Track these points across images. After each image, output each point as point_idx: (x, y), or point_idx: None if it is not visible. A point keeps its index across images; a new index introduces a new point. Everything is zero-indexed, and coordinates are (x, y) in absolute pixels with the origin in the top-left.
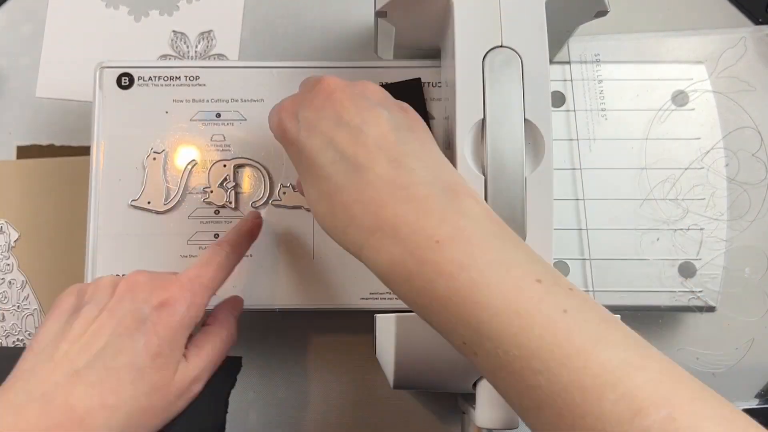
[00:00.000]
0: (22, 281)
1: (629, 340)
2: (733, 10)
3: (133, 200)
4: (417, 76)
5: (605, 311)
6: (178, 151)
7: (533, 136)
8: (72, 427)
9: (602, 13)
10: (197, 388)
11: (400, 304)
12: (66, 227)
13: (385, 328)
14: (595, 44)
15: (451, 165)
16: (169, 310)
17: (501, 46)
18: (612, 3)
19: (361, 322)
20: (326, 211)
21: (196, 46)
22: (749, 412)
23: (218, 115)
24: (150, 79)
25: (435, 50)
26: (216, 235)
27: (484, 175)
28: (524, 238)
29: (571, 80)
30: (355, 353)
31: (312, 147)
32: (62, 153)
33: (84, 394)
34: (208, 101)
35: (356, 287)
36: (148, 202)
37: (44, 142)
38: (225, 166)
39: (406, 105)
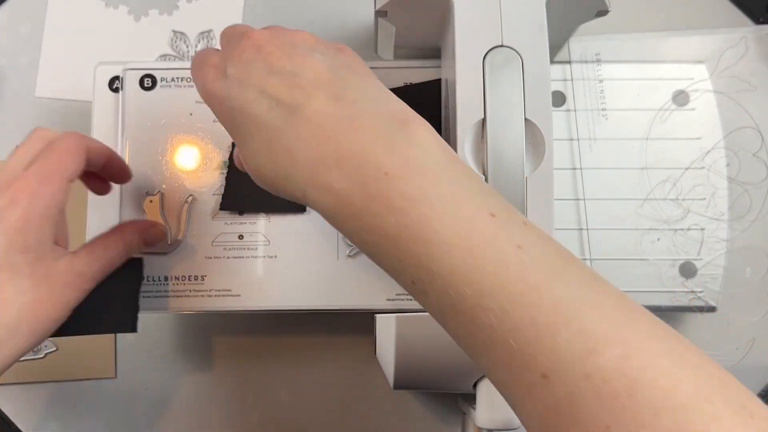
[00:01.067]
0: None
1: (585, 276)
2: (734, 10)
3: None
4: (437, 78)
5: (560, 246)
6: (201, 153)
7: (533, 135)
8: None
9: (603, 12)
10: (88, 284)
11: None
12: None
13: (385, 328)
14: (595, 44)
15: (395, 96)
16: (16, 206)
17: (501, 46)
18: (612, 3)
19: (361, 322)
20: (266, 162)
21: (196, 46)
22: None
23: None
24: (173, 80)
25: (435, 50)
26: (240, 236)
27: (484, 174)
28: None
29: (572, 80)
30: (355, 353)
31: (245, 100)
32: None
33: None
34: None
35: (382, 288)
36: None
37: None
38: None
39: (342, 45)
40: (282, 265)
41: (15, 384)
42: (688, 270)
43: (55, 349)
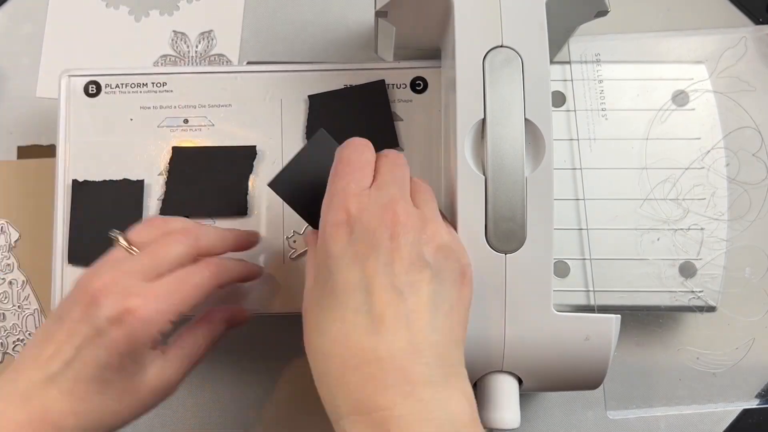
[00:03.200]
0: (23, 281)
1: None
2: (734, 10)
3: None
4: (381, 78)
5: None
6: (147, 158)
7: (533, 136)
8: (45, 426)
9: (602, 13)
10: (173, 389)
11: None
12: None
13: None
14: (595, 44)
15: (461, 343)
16: (126, 326)
17: (501, 46)
18: (612, 3)
19: None
20: (325, 350)
21: (197, 46)
22: (749, 412)
23: (186, 121)
24: (117, 86)
25: (435, 50)
26: None
27: (484, 175)
28: (524, 238)
29: (572, 80)
30: None
31: (346, 279)
32: None
33: (57, 399)
34: (175, 107)
35: None
36: None
37: (44, 142)
38: None
39: (465, 265)
40: None
41: None
42: (688, 270)
43: None
